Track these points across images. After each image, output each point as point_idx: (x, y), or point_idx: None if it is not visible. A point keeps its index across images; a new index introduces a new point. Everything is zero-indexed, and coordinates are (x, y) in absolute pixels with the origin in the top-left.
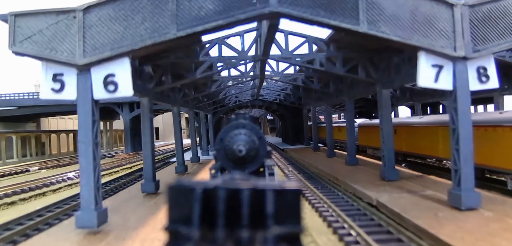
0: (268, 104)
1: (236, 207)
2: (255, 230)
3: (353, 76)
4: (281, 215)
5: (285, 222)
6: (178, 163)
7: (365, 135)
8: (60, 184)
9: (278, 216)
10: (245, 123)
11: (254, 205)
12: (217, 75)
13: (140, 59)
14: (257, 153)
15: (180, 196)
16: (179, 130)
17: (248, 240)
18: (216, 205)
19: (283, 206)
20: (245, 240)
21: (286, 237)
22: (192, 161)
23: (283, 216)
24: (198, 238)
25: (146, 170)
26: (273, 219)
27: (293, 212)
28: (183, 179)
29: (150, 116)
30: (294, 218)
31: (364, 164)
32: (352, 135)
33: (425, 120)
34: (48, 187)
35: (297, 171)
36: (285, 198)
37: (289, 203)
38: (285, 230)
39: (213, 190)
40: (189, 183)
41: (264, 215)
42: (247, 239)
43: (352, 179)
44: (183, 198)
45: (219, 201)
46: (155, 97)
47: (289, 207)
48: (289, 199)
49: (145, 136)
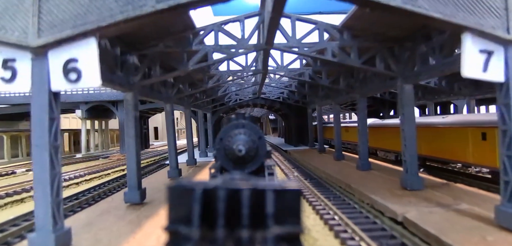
0: (270, 103)
1: (236, 207)
2: (255, 230)
3: (370, 68)
4: (281, 215)
5: (285, 222)
6: (171, 166)
7: (375, 136)
8: None
9: (278, 216)
10: (245, 123)
11: (254, 205)
12: (214, 69)
13: (122, 46)
14: (256, 153)
15: (180, 196)
16: (173, 130)
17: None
18: (216, 205)
19: (283, 206)
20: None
21: (286, 237)
22: (189, 163)
23: (283, 216)
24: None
25: (129, 177)
26: (273, 219)
27: (293, 212)
28: (183, 179)
29: (134, 114)
30: (294, 218)
31: (378, 168)
32: (364, 136)
33: (450, 121)
34: (28, 193)
35: (303, 176)
36: (285, 198)
37: (289, 203)
38: (285, 230)
39: (213, 190)
40: (189, 183)
41: (264, 215)
42: (247, 239)
43: (368, 188)
44: (183, 198)
45: (219, 201)
46: (142, 93)
47: (289, 207)
48: (289, 199)
49: (128, 137)
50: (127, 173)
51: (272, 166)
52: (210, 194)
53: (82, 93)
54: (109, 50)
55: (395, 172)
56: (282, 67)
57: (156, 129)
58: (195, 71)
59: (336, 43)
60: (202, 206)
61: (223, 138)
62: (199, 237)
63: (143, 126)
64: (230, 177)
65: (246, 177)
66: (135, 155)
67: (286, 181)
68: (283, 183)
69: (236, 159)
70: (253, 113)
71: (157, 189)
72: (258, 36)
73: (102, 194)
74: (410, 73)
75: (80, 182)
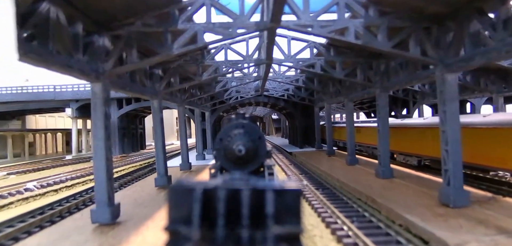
0: (274, 101)
1: (236, 207)
2: (255, 230)
3: (403, 54)
4: (281, 215)
5: (285, 222)
6: (159, 173)
7: (393, 137)
8: (14, 197)
9: (278, 216)
10: (244, 123)
11: (254, 205)
12: (210, 59)
13: (89, 24)
14: (256, 153)
15: (180, 196)
16: (160, 131)
17: (248, 240)
18: (216, 205)
19: (283, 206)
20: (245, 240)
21: (286, 237)
22: (182, 168)
23: (283, 216)
24: (198, 238)
25: (97, 191)
26: (273, 219)
27: (293, 212)
28: (183, 179)
29: (104, 109)
30: (294, 218)
31: (401, 176)
32: (385, 138)
33: (496, 120)
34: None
35: (314, 185)
36: (285, 198)
37: (289, 203)
38: (285, 230)
39: (213, 190)
40: (189, 183)
41: (264, 215)
42: (247, 239)
43: (398, 203)
44: (183, 198)
45: (219, 201)
46: (117, 84)
47: (289, 207)
48: (289, 199)
49: (97, 139)
50: (95, 185)
51: (272, 166)
52: (210, 194)
53: (72, 90)
54: (64, 26)
55: (423, 181)
56: (290, 57)
57: None
58: (187, 62)
59: (359, 21)
60: (202, 206)
61: (222, 138)
62: (199, 237)
63: (139, 126)
64: (230, 177)
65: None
66: (104, 162)
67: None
68: (283, 183)
69: (236, 159)
70: (255, 112)
71: (139, 202)
72: (262, 13)
73: (74, 207)
74: (453, 59)
75: (60, 188)
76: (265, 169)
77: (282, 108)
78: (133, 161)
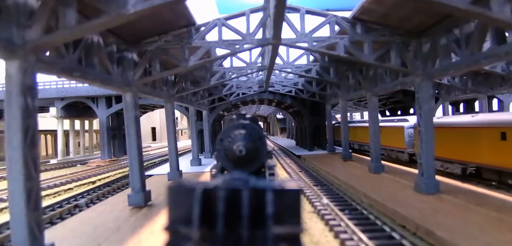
0: (280, 98)
1: (236, 207)
2: (255, 230)
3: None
4: (281, 215)
5: (285, 222)
6: (133, 189)
7: None
8: None
9: (278, 216)
10: (245, 123)
11: (254, 205)
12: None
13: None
14: (257, 153)
15: (180, 196)
16: (135, 131)
17: (248, 240)
18: (216, 205)
19: (283, 206)
20: (245, 240)
21: (286, 237)
22: (170, 177)
23: (283, 216)
24: (198, 238)
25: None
26: (273, 219)
27: (293, 212)
28: (183, 179)
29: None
30: (294, 218)
31: (450, 190)
32: (429, 142)
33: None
34: None
35: (339, 205)
36: (285, 198)
37: (289, 203)
38: (285, 230)
39: (213, 190)
40: (189, 183)
41: (264, 215)
42: (247, 239)
43: (468, 238)
44: (183, 198)
45: (219, 201)
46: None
47: (289, 207)
48: (289, 199)
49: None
50: None
51: (273, 167)
52: (210, 194)
53: (56, 88)
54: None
55: (484, 198)
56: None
57: (153, 129)
58: (168, 42)
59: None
60: (202, 206)
61: (223, 138)
62: (199, 237)
63: None
64: (230, 177)
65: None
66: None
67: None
68: (283, 183)
69: (236, 159)
70: (259, 111)
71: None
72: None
73: None
74: None
75: None
76: (266, 169)
77: (289, 106)
78: (121, 167)
